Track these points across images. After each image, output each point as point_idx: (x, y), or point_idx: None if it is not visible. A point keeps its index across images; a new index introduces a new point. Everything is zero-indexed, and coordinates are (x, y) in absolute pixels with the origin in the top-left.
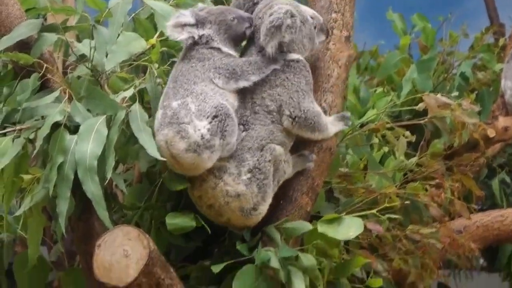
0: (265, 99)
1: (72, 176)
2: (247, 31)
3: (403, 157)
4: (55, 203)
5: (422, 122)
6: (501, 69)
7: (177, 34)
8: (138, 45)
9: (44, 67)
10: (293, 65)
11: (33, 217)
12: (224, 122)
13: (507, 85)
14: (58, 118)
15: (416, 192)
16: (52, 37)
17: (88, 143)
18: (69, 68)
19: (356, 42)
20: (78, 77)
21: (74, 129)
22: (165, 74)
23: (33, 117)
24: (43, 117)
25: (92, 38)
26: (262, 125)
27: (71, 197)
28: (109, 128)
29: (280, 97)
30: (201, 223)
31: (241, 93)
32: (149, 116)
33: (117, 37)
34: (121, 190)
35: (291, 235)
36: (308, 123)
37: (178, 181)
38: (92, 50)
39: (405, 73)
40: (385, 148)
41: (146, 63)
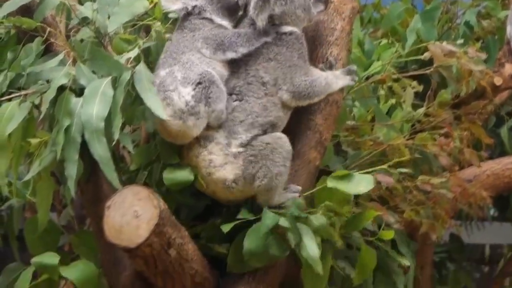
0: (259, 70)
1: (80, 139)
2: (239, 1)
3: (410, 108)
4: (63, 167)
5: (428, 72)
6: (506, 16)
7: (171, 4)
8: (140, 5)
9: (47, 31)
10: (285, 39)
11: (42, 182)
12: (209, 89)
13: None
14: (63, 81)
15: (425, 142)
16: (54, 1)
17: (94, 105)
18: (72, 31)
19: None
20: (81, 40)
21: (79, 91)
22: (169, 33)
23: (38, 81)
24: (48, 81)
25: (94, 1)
26: (255, 97)
27: (79, 160)
28: (114, 89)
29: (275, 72)
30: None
31: (235, 64)
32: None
33: None
34: (129, 152)
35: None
36: (304, 95)
37: (169, 155)
38: (95, 13)
39: (409, 24)
40: (392, 100)
41: (149, 22)
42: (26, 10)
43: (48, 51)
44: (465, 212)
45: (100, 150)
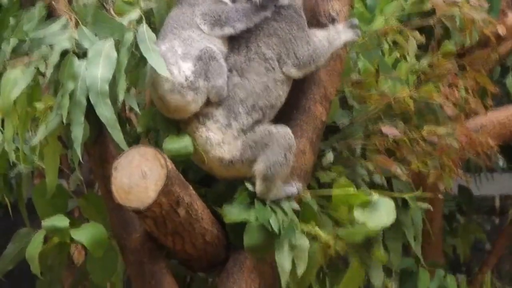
0: (260, 47)
1: (85, 102)
2: None
3: (414, 60)
4: (70, 130)
5: (431, 23)
6: None
7: None
8: None
9: None
10: (283, 13)
11: (49, 146)
12: (209, 64)
13: None
14: (66, 45)
15: (430, 93)
16: None
17: (98, 67)
18: None
19: None
20: (84, 4)
21: (83, 55)
22: None
23: (41, 46)
24: (51, 46)
25: None
26: (256, 74)
27: (85, 123)
28: (118, 51)
29: (277, 47)
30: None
31: (235, 40)
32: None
33: None
34: (135, 114)
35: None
36: (309, 63)
37: (168, 127)
38: None
39: None
40: (396, 53)
41: None
42: None
43: (50, 15)
44: (474, 163)
45: (106, 112)
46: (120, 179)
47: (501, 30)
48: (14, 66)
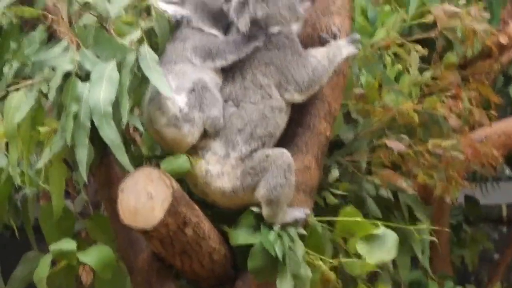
0: (256, 75)
1: (89, 124)
2: (223, 7)
3: (417, 72)
4: (74, 153)
5: (432, 35)
6: None
7: (164, 6)
8: None
9: (50, 19)
10: (274, 41)
11: (54, 169)
12: (202, 95)
13: None
14: (69, 67)
15: (434, 105)
16: None
17: (101, 89)
18: (74, 17)
19: None
20: (84, 26)
21: (85, 77)
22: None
23: (43, 69)
24: (53, 69)
25: None
26: (252, 103)
27: (89, 145)
28: (120, 72)
29: (275, 75)
30: None
31: (229, 71)
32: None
33: None
34: (140, 135)
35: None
36: (311, 85)
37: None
38: None
39: None
40: (399, 66)
41: (149, 3)
42: None
43: (51, 38)
44: (479, 173)
45: (110, 134)
46: (127, 201)
47: (503, 39)
48: (16, 90)
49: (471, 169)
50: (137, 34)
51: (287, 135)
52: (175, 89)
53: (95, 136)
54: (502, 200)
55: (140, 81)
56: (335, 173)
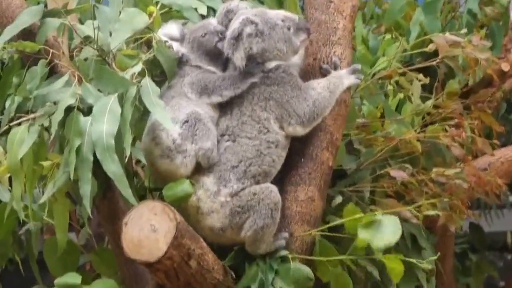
0: (255, 110)
1: (91, 158)
2: (218, 45)
3: (419, 101)
4: (78, 187)
5: (434, 63)
6: (509, 1)
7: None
8: (140, 20)
9: (51, 53)
10: (272, 76)
11: (57, 203)
12: (195, 127)
13: None
14: (70, 101)
15: (436, 134)
16: (55, 22)
17: (103, 122)
18: (75, 51)
19: None
20: (85, 59)
21: (87, 110)
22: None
23: (45, 104)
24: (55, 103)
25: (95, 19)
26: (248, 137)
27: (93, 179)
28: (122, 105)
29: (276, 110)
30: None
31: (227, 106)
32: (160, 88)
33: (119, 15)
34: (142, 167)
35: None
36: (314, 117)
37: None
38: (96, 31)
39: (412, 17)
40: (400, 95)
41: (150, 35)
42: (28, 34)
43: (52, 72)
44: (483, 200)
45: (113, 168)
46: (131, 234)
47: (505, 66)
48: (19, 124)
49: (475, 197)
50: (138, 67)
51: (290, 166)
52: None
53: (98, 170)
54: (507, 227)
55: (141, 114)
56: (338, 199)
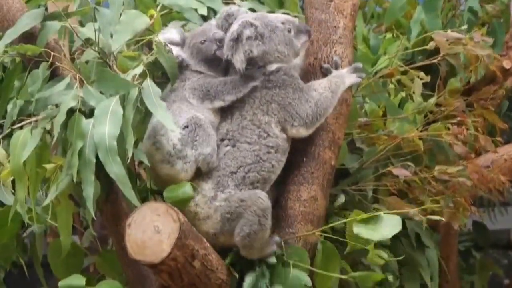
0: (257, 114)
1: (94, 160)
2: (217, 53)
3: (421, 99)
4: (81, 189)
5: (435, 61)
6: None
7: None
8: (141, 22)
9: (52, 56)
10: (273, 79)
11: (61, 205)
12: (195, 132)
13: None
14: (72, 104)
15: (439, 132)
16: (55, 25)
17: (105, 124)
18: (77, 53)
19: None
20: (86, 62)
21: (89, 113)
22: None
23: (47, 106)
24: (57, 105)
25: (95, 21)
26: (248, 143)
27: (96, 181)
28: (123, 107)
29: (279, 113)
30: None
31: (228, 110)
32: (162, 90)
33: (120, 17)
34: (144, 169)
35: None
36: (316, 118)
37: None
38: (97, 33)
39: (413, 15)
40: (402, 93)
41: (151, 37)
42: (29, 37)
43: (54, 75)
44: (487, 198)
45: (115, 169)
46: (134, 235)
47: (507, 64)
48: (21, 128)
49: (478, 195)
50: (139, 68)
51: (292, 166)
52: None
53: (100, 172)
54: (511, 225)
55: (143, 115)
56: (341, 199)
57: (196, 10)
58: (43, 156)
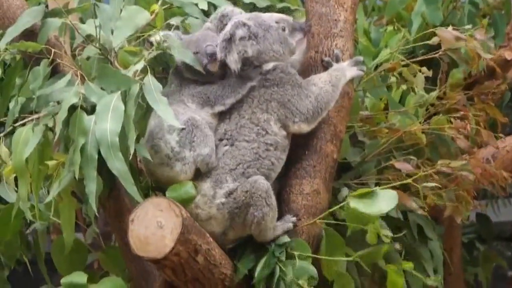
0: (256, 113)
1: (96, 156)
2: (208, 66)
3: (423, 92)
4: (83, 185)
5: (437, 55)
6: None
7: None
8: (142, 17)
9: (53, 53)
10: (270, 78)
11: (63, 202)
12: (192, 133)
13: None
14: (74, 100)
15: (441, 125)
16: (56, 22)
17: (107, 121)
18: (77, 50)
19: None
20: (88, 58)
21: (91, 109)
22: None
23: (48, 103)
24: (58, 102)
25: (96, 17)
26: (246, 141)
27: (98, 177)
28: (125, 103)
29: (279, 110)
30: None
31: (227, 112)
32: (163, 86)
33: (120, 13)
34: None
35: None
36: (318, 112)
37: None
38: (98, 29)
39: (413, 8)
40: (404, 86)
41: (153, 32)
42: (29, 34)
43: (55, 72)
44: (490, 190)
45: (118, 165)
46: (137, 231)
47: (508, 55)
48: (23, 125)
49: (481, 188)
50: (140, 64)
51: (294, 159)
52: (167, 129)
53: (103, 168)
54: None
55: (145, 111)
56: (344, 192)
57: (196, 4)
58: (45, 153)
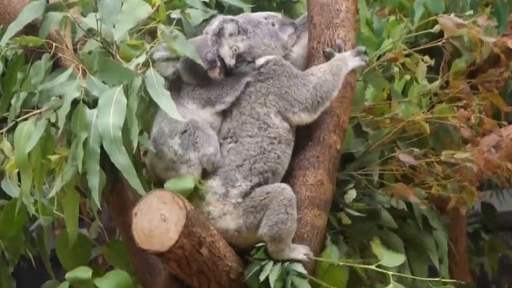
0: (254, 108)
1: (99, 150)
2: (208, 73)
3: (426, 82)
4: (86, 179)
5: (439, 44)
6: None
7: (164, 70)
8: (143, 10)
9: (54, 47)
10: (264, 71)
11: (67, 197)
12: (194, 135)
13: None
14: (76, 94)
15: (444, 114)
16: (57, 16)
17: (109, 115)
18: (79, 44)
19: None
20: (89, 52)
21: (93, 103)
22: None
23: (50, 98)
24: (60, 97)
25: (97, 11)
26: (250, 136)
27: (101, 171)
28: (127, 97)
29: (277, 103)
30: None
31: (227, 111)
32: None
33: (121, 6)
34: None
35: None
36: (318, 102)
37: None
38: (99, 23)
39: None
40: (407, 76)
41: (154, 25)
42: (31, 29)
43: (57, 66)
44: (495, 180)
45: (121, 159)
46: (141, 224)
47: (510, 43)
48: (25, 120)
49: (485, 178)
50: (142, 58)
51: (298, 150)
52: (168, 134)
53: (106, 162)
54: None
55: (147, 104)
56: (352, 194)
57: None
58: (48, 147)
